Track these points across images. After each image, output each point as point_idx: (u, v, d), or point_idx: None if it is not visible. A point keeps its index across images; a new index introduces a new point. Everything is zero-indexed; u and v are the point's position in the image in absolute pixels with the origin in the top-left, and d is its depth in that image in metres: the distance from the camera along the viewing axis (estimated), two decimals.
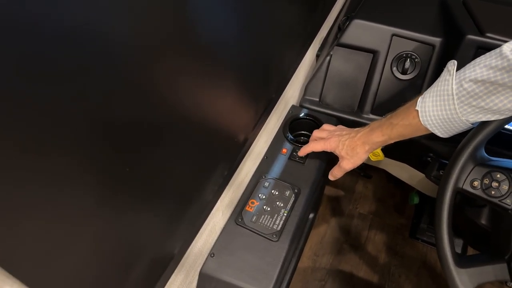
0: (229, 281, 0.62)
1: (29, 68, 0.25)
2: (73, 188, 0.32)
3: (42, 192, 0.29)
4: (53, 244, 0.32)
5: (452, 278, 0.55)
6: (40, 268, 0.31)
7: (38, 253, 0.30)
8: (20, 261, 0.29)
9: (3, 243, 0.27)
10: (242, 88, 0.62)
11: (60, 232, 0.32)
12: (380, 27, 0.83)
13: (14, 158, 0.26)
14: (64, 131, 0.29)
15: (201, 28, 0.45)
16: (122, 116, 0.36)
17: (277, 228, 0.67)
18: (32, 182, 0.28)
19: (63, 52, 0.27)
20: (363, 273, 1.25)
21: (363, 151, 0.68)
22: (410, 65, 0.83)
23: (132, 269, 0.44)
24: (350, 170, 0.72)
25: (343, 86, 0.89)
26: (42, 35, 0.25)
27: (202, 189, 0.57)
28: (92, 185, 0.34)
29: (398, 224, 1.37)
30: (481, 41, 0.74)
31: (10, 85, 0.24)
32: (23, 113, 0.26)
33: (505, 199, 0.56)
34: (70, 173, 0.31)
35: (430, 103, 0.55)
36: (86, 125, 0.31)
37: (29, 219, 0.29)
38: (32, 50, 0.25)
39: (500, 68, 0.47)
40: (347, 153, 0.70)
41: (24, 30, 0.24)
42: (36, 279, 0.31)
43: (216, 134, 0.58)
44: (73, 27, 0.27)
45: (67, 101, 0.29)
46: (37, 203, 0.29)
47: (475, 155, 0.57)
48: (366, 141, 0.67)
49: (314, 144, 0.75)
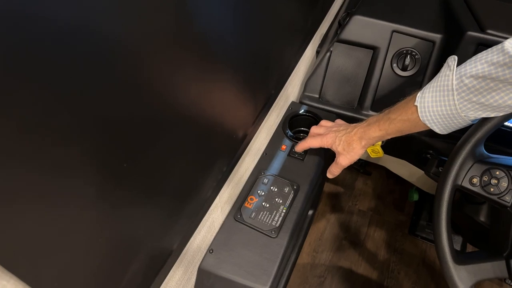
0: (227, 277, 0.62)
1: (24, 62, 0.25)
2: (71, 182, 0.32)
3: (39, 186, 0.29)
4: (50, 238, 0.32)
5: (451, 275, 0.55)
6: (37, 263, 0.31)
7: (35, 247, 0.30)
8: (16, 255, 0.29)
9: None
10: (242, 84, 0.62)
11: (58, 226, 0.32)
12: (380, 23, 0.83)
13: (8, 151, 0.26)
14: (62, 125, 0.29)
15: (201, 24, 0.44)
16: (121, 111, 0.36)
17: (276, 225, 0.67)
18: (29, 176, 0.28)
19: (61, 47, 0.27)
20: (362, 269, 1.25)
21: (359, 146, 0.68)
22: (410, 62, 0.82)
23: (130, 264, 0.44)
24: (347, 166, 0.72)
25: (343, 83, 0.89)
26: (39, 30, 0.25)
27: (201, 185, 0.57)
28: (90, 179, 0.34)
29: (397, 221, 1.37)
30: (481, 38, 0.73)
31: (8, 79, 0.24)
32: (20, 107, 0.25)
33: (504, 196, 0.56)
34: (68, 167, 0.31)
35: (430, 99, 0.55)
36: (84, 119, 0.31)
37: (25, 214, 0.29)
38: (27, 44, 0.24)
39: (502, 64, 0.46)
40: (343, 148, 0.69)
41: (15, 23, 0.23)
42: (33, 273, 0.31)
43: (215, 130, 0.57)
44: (70, 22, 0.27)
45: (65, 95, 0.29)
46: (34, 197, 0.29)
47: (474, 152, 0.57)
48: (363, 136, 0.67)
49: (311, 140, 0.74)
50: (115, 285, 0.42)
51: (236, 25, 0.54)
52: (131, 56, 0.35)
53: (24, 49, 0.24)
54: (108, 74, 0.33)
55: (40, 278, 0.31)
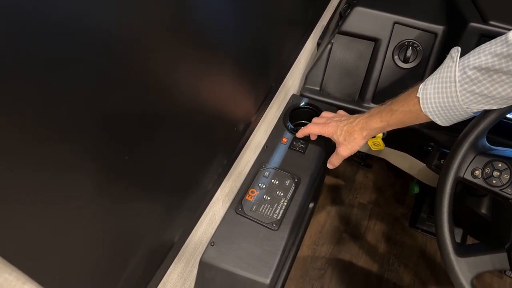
0: (229, 270, 0.62)
1: (22, 55, 0.24)
2: (71, 175, 0.32)
3: (40, 179, 0.29)
4: (51, 231, 0.31)
5: (452, 267, 0.55)
6: (38, 256, 0.31)
7: (37, 240, 0.30)
8: (17, 248, 0.29)
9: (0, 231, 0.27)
10: (242, 77, 0.62)
11: (59, 219, 0.32)
12: (382, 15, 0.82)
13: (7, 144, 0.25)
14: (63, 119, 0.29)
15: (200, 16, 0.44)
16: (121, 104, 0.35)
17: (277, 217, 0.67)
18: (29, 170, 0.28)
19: (60, 41, 0.26)
20: (362, 262, 1.25)
21: (360, 137, 0.68)
22: (412, 54, 0.82)
23: (131, 257, 0.44)
24: (347, 156, 0.72)
25: (344, 75, 0.88)
26: (36, 24, 0.24)
27: (202, 178, 0.57)
28: (90, 173, 0.34)
29: (398, 213, 1.38)
30: (484, 29, 0.73)
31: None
32: (16, 101, 0.25)
33: (506, 189, 0.56)
34: (69, 160, 0.31)
35: (432, 90, 0.54)
36: (85, 112, 0.31)
37: (27, 207, 0.28)
38: (24, 39, 0.24)
39: (505, 56, 0.46)
40: (344, 138, 0.69)
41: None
42: (35, 266, 0.31)
43: (215, 123, 0.57)
44: (67, 17, 0.26)
45: (65, 89, 0.28)
46: (34, 191, 0.29)
47: (476, 144, 0.57)
48: (364, 127, 0.66)
49: (312, 126, 0.74)
50: (117, 278, 0.42)
51: (236, 17, 0.54)
52: (130, 48, 0.34)
53: (17, 42, 0.24)
54: (109, 68, 0.32)
55: (41, 271, 0.31)
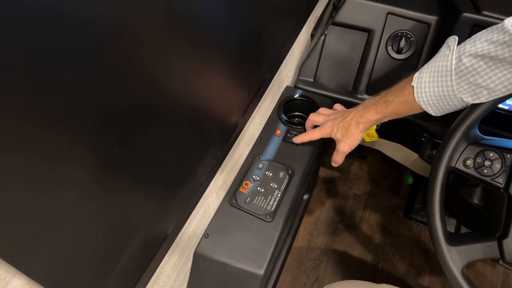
0: (223, 261, 0.63)
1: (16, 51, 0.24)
2: (64, 167, 0.32)
3: (30, 171, 0.29)
4: (43, 223, 0.31)
5: (443, 256, 0.56)
6: (28, 248, 0.31)
7: (26, 232, 0.30)
8: (6, 242, 0.29)
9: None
10: (235, 69, 0.61)
11: (51, 211, 0.32)
12: (375, 5, 0.82)
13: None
14: (55, 111, 0.29)
15: (193, 6, 0.44)
16: (113, 97, 0.35)
17: (271, 209, 0.68)
18: (18, 162, 0.27)
19: (54, 35, 0.26)
20: (357, 252, 1.26)
21: (357, 131, 0.67)
22: (405, 44, 0.82)
23: (124, 249, 0.44)
24: (348, 152, 0.71)
25: (337, 66, 0.88)
26: (34, 21, 0.24)
27: (195, 171, 0.57)
28: (82, 165, 0.34)
29: (392, 204, 1.39)
30: (477, 19, 0.73)
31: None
32: (11, 93, 0.25)
33: (497, 178, 0.56)
34: (61, 152, 0.31)
35: (427, 79, 0.54)
36: (77, 104, 0.31)
37: (15, 199, 0.28)
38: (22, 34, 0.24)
39: (501, 43, 0.46)
40: (342, 135, 0.69)
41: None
42: (27, 260, 0.31)
43: (208, 115, 0.57)
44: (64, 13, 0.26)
45: (56, 81, 0.28)
46: (23, 182, 0.28)
47: (468, 134, 0.57)
48: (360, 120, 0.66)
49: (311, 133, 0.74)
50: (110, 270, 0.42)
51: (228, 8, 0.53)
52: (124, 42, 0.34)
53: (6, 33, 0.24)
54: (100, 59, 0.32)
55: (31, 263, 0.31)
